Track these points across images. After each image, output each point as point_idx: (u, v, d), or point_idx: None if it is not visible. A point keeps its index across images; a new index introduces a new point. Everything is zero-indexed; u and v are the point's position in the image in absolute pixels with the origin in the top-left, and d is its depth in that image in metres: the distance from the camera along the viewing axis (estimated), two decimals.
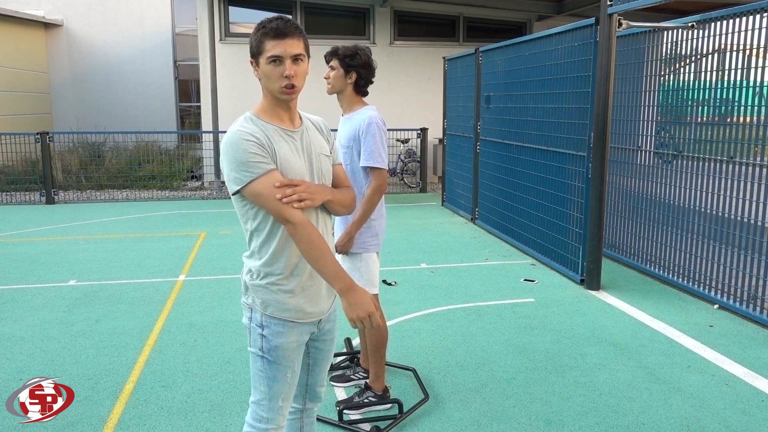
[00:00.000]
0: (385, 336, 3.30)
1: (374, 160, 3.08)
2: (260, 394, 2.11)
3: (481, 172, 8.16)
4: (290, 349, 2.08)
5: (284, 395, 2.12)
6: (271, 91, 2.02)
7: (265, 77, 2.00)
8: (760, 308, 4.58)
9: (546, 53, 6.18)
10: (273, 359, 2.06)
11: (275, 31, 1.96)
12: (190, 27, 15.29)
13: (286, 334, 2.06)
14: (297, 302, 2.06)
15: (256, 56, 2.01)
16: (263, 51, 1.97)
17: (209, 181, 11.58)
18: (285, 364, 2.08)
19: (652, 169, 5.82)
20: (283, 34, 1.96)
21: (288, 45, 1.96)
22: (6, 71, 13.73)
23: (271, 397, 2.10)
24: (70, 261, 6.42)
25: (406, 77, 12.23)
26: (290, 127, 2.08)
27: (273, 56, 1.96)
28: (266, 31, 1.97)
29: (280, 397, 2.11)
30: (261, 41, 1.98)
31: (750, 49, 4.56)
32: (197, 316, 4.77)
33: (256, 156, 1.94)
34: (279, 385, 2.09)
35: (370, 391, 3.33)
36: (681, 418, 3.21)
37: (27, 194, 10.60)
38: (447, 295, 5.28)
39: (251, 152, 1.94)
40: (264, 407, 2.11)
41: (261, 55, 1.98)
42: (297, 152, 2.06)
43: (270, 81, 1.99)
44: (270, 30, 1.96)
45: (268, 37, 1.96)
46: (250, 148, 1.94)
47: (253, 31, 2.02)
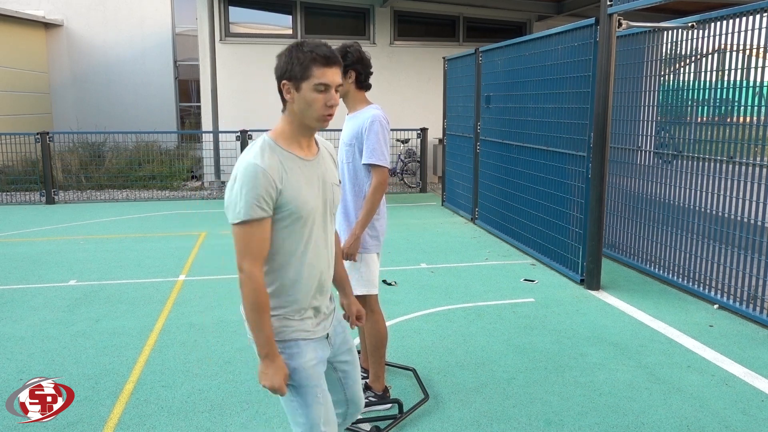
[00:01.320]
0: (384, 336, 3.30)
1: (376, 158, 3.08)
2: (300, 427, 2.05)
3: (481, 172, 8.16)
4: (311, 368, 2.04)
5: (324, 419, 2.06)
6: (306, 117, 1.96)
7: (305, 104, 1.93)
8: (760, 308, 4.58)
9: (546, 53, 6.18)
10: (298, 383, 2.02)
11: (326, 59, 1.91)
12: (190, 27, 15.30)
13: (302, 354, 2.03)
14: (302, 324, 2.06)
15: (298, 80, 1.92)
16: (309, 77, 1.91)
17: (209, 181, 11.58)
18: (311, 384, 2.03)
19: (652, 169, 5.82)
20: (333, 62, 1.92)
21: (335, 74, 1.93)
22: (6, 71, 13.73)
23: (311, 425, 2.04)
24: (70, 261, 6.42)
25: (406, 77, 12.23)
26: (308, 156, 2.03)
27: (322, 84, 1.91)
28: (315, 57, 1.90)
29: (320, 422, 2.05)
30: (308, 66, 1.91)
31: (750, 49, 4.56)
32: (197, 316, 4.77)
33: (262, 202, 1.89)
34: (314, 410, 2.04)
35: (370, 391, 3.33)
36: (681, 418, 3.21)
37: (27, 194, 10.60)
38: (447, 295, 5.28)
39: (260, 195, 1.88)
40: None
41: (305, 81, 1.91)
42: (311, 183, 2.01)
43: (310, 108, 1.94)
44: (320, 57, 1.90)
45: (318, 63, 1.90)
46: (260, 190, 1.88)
47: (293, 52, 1.94)
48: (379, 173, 3.11)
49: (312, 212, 2.00)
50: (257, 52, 11.62)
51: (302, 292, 2.04)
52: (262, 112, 11.60)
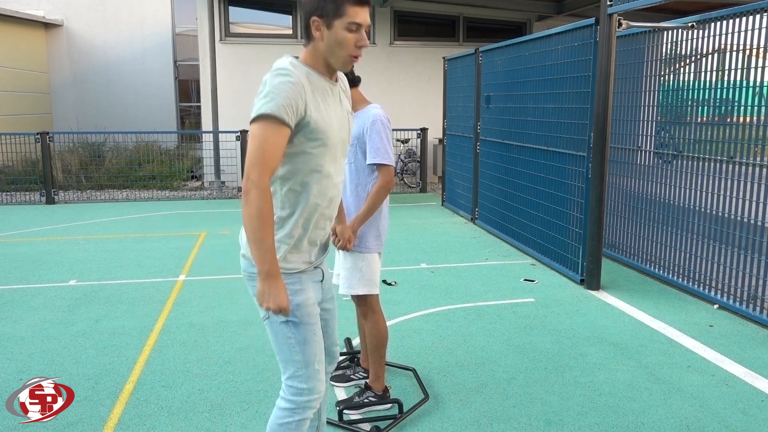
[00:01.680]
0: (385, 336, 3.30)
1: (381, 157, 3.09)
2: (295, 365, 2.01)
3: (481, 172, 8.16)
4: (312, 305, 2.03)
5: (318, 357, 2.04)
6: (331, 57, 1.92)
7: (336, 42, 1.89)
8: (760, 308, 4.58)
9: (546, 53, 6.18)
10: (299, 319, 1.99)
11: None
12: (190, 27, 15.30)
13: (304, 290, 2.02)
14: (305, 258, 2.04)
15: (331, 18, 1.87)
16: (343, 14, 1.86)
17: (209, 181, 11.58)
18: (311, 321, 2.01)
19: (652, 169, 5.82)
20: (367, 3, 1.88)
21: (367, 14, 1.89)
22: (6, 71, 13.73)
23: (307, 363, 2.00)
24: (70, 261, 6.42)
25: (406, 77, 12.23)
26: (332, 81, 2.01)
27: (356, 23, 1.87)
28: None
29: (315, 360, 2.02)
30: (341, 4, 1.86)
31: (750, 49, 4.56)
32: (197, 316, 4.77)
33: (289, 108, 1.82)
34: (311, 347, 2.01)
35: (370, 391, 3.33)
36: (681, 418, 3.21)
37: (27, 194, 10.60)
38: (447, 295, 5.28)
39: (290, 99, 1.82)
40: (302, 377, 2.01)
41: (338, 18, 1.87)
42: (331, 106, 1.98)
43: (340, 47, 1.89)
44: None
45: (352, 2, 1.86)
46: (291, 95, 1.82)
47: None
48: (385, 172, 3.12)
49: (336, 139, 1.99)
50: (257, 52, 11.62)
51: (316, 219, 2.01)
52: None
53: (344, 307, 4.67)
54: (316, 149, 1.93)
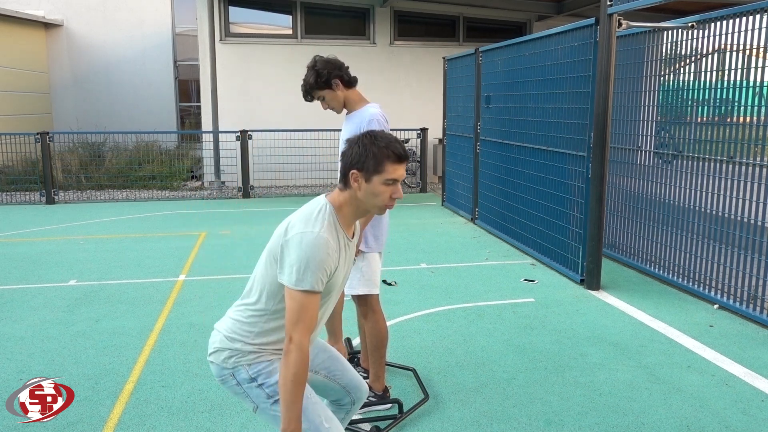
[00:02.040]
0: (385, 336, 3.30)
1: None
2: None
3: (481, 172, 8.16)
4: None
5: (324, 416, 2.09)
6: (368, 205, 2.05)
7: (372, 194, 2.02)
8: (760, 308, 4.58)
9: (546, 53, 6.18)
10: None
11: (399, 157, 2.01)
12: (190, 27, 15.29)
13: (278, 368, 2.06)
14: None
15: (370, 173, 2.00)
16: (382, 172, 2.00)
17: (209, 181, 11.57)
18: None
19: (652, 169, 5.82)
20: (404, 159, 2.02)
21: (403, 170, 2.04)
22: (6, 71, 13.73)
23: (316, 427, 2.06)
24: (70, 261, 6.42)
25: (406, 77, 12.23)
26: (350, 238, 2.12)
27: (392, 179, 2.00)
28: (389, 154, 2.00)
29: (322, 421, 2.08)
30: (381, 162, 1.99)
31: (750, 49, 4.56)
32: (197, 316, 4.77)
33: (325, 277, 1.96)
34: (310, 412, 2.06)
35: (370, 391, 3.33)
36: (681, 418, 3.21)
37: (27, 194, 10.60)
38: (447, 295, 5.28)
39: (325, 270, 1.95)
40: None
41: (377, 174, 2.00)
42: (345, 264, 2.10)
43: (376, 198, 2.03)
44: (394, 154, 2.00)
45: (391, 160, 2.00)
46: (325, 265, 1.95)
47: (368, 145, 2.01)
48: None
49: (337, 290, 2.11)
50: (257, 52, 11.62)
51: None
52: (262, 112, 11.61)
53: (344, 307, 4.67)
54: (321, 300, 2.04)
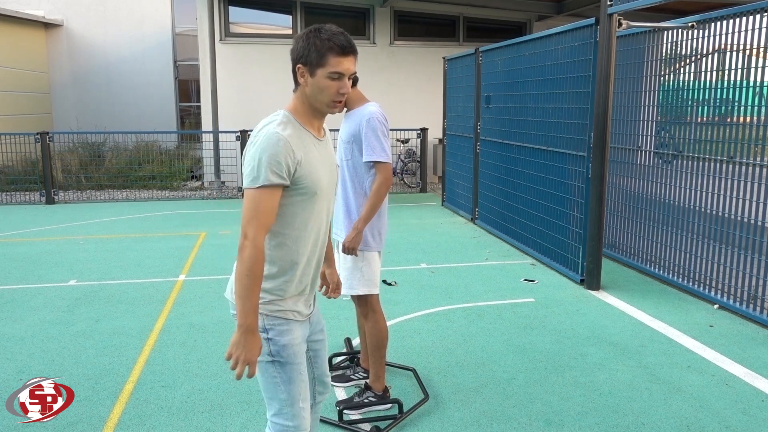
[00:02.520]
0: (385, 336, 3.30)
1: (377, 155, 3.09)
2: (279, 403, 2.07)
3: (481, 172, 8.16)
4: (298, 345, 2.08)
5: (303, 395, 2.10)
6: (316, 102, 2.01)
7: (318, 89, 1.98)
8: (760, 308, 4.58)
9: (546, 53, 6.18)
10: (285, 359, 2.05)
11: (342, 48, 1.95)
12: (190, 27, 15.29)
13: (291, 332, 2.06)
14: (296, 305, 2.10)
15: (314, 66, 1.97)
16: (325, 64, 1.95)
17: (209, 181, 11.57)
18: (297, 362, 2.07)
19: (652, 169, 5.82)
20: (349, 52, 1.97)
21: (350, 62, 1.98)
22: (6, 71, 13.73)
23: (292, 401, 2.06)
24: (70, 261, 6.42)
25: (406, 77, 12.23)
26: (318, 136, 2.09)
27: (335, 72, 1.96)
28: (332, 46, 1.95)
29: (299, 399, 2.08)
30: (324, 54, 1.95)
31: (750, 49, 4.56)
32: (197, 316, 4.77)
33: (281, 170, 1.92)
34: (296, 386, 2.07)
35: (370, 391, 3.33)
36: (681, 418, 3.21)
37: (27, 194, 10.60)
38: (447, 295, 5.28)
39: (280, 163, 1.92)
40: (287, 415, 2.07)
41: (321, 68, 1.96)
42: (323, 161, 2.08)
43: (322, 93, 1.99)
44: (336, 46, 1.95)
45: (334, 52, 1.95)
46: (279, 157, 1.92)
47: (310, 38, 1.97)
48: (382, 169, 3.12)
49: (324, 189, 2.06)
50: (257, 52, 11.62)
51: (305, 266, 2.09)
52: (262, 112, 11.52)
53: (344, 307, 4.68)
54: (305, 202, 2.02)
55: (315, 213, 2.06)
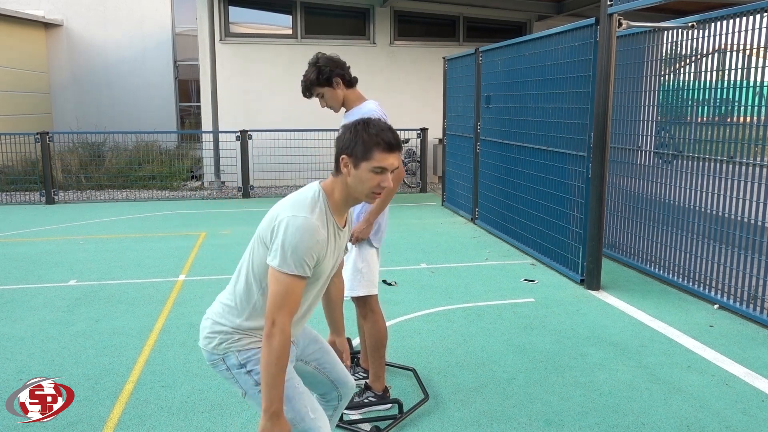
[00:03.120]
0: (384, 336, 3.30)
1: None
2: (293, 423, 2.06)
3: (481, 172, 8.16)
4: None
5: (310, 407, 2.09)
6: (356, 192, 2.03)
7: (359, 181, 2.00)
8: (760, 308, 4.58)
9: (546, 53, 6.18)
10: None
11: (389, 146, 1.98)
12: (190, 27, 15.29)
13: None
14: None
15: (359, 159, 1.99)
16: (370, 159, 1.97)
17: (209, 181, 11.57)
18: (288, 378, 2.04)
19: (652, 169, 5.82)
20: (395, 149, 2.00)
21: (395, 158, 2.01)
22: (6, 71, 13.73)
23: (302, 417, 2.07)
24: (70, 261, 6.41)
25: (406, 77, 12.23)
26: (341, 225, 2.10)
27: (380, 167, 1.98)
28: (379, 142, 1.97)
29: (308, 411, 2.08)
30: (370, 149, 1.97)
31: (750, 49, 4.56)
32: (197, 316, 4.77)
33: (311, 261, 1.95)
34: (297, 402, 2.06)
35: (370, 391, 3.33)
36: (681, 418, 3.21)
37: (27, 194, 10.60)
38: (447, 295, 5.27)
39: (312, 255, 1.94)
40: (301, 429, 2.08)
41: (366, 161, 1.98)
42: (335, 252, 2.09)
43: (363, 185, 2.00)
44: (384, 142, 1.97)
45: (380, 148, 1.97)
46: (313, 251, 1.94)
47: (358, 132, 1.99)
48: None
49: (325, 275, 2.10)
50: (257, 52, 11.62)
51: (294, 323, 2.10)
52: (262, 112, 11.61)
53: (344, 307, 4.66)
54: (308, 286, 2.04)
55: (309, 290, 2.08)
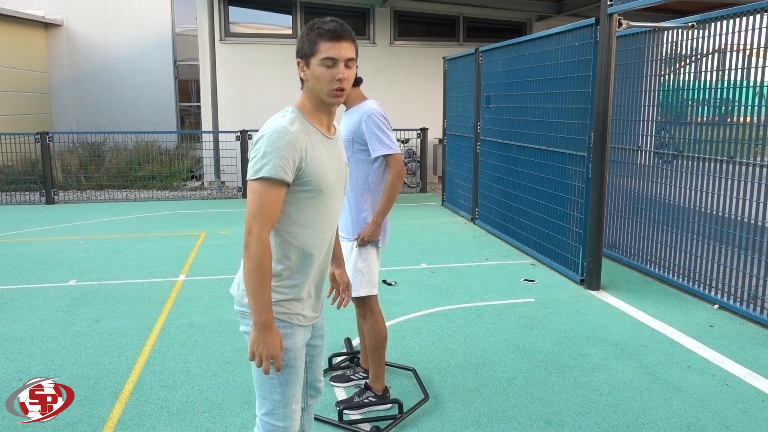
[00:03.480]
0: (384, 336, 3.30)
1: (386, 148, 3.12)
2: (272, 404, 2.06)
3: (481, 172, 8.16)
4: (299, 350, 2.07)
5: (296, 397, 2.09)
6: (318, 93, 1.99)
7: (315, 79, 1.97)
8: (760, 308, 4.58)
9: (546, 53, 6.18)
10: (285, 363, 2.03)
11: (331, 33, 1.94)
12: (190, 27, 15.29)
13: (294, 335, 2.05)
14: (302, 308, 2.08)
15: (308, 57, 1.97)
16: (317, 52, 1.95)
17: (209, 181, 11.57)
18: (296, 365, 2.06)
19: (652, 169, 5.82)
20: (339, 37, 1.95)
21: (343, 48, 1.95)
22: (6, 71, 13.72)
23: (285, 403, 2.06)
24: (70, 261, 6.41)
25: (406, 77, 12.23)
26: (328, 134, 2.07)
27: (328, 58, 1.94)
28: (322, 33, 1.94)
29: (293, 401, 2.07)
30: (315, 42, 1.95)
31: (750, 49, 4.56)
32: (197, 316, 4.77)
33: (287, 165, 1.90)
34: (292, 389, 2.06)
35: (370, 391, 3.33)
36: (681, 418, 3.21)
37: (27, 194, 10.60)
38: (447, 295, 5.27)
39: (286, 157, 1.90)
40: (279, 415, 2.06)
41: (314, 56, 1.95)
42: (332, 159, 2.06)
43: (320, 83, 1.96)
44: (326, 32, 1.94)
45: (324, 38, 1.94)
46: (284, 151, 1.90)
47: (305, 31, 1.99)
48: (394, 161, 3.14)
49: (331, 187, 2.04)
50: (257, 52, 11.61)
51: (312, 267, 2.06)
52: (262, 112, 11.60)
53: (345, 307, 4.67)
54: (311, 199, 2.00)
55: (322, 211, 2.04)
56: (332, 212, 2.09)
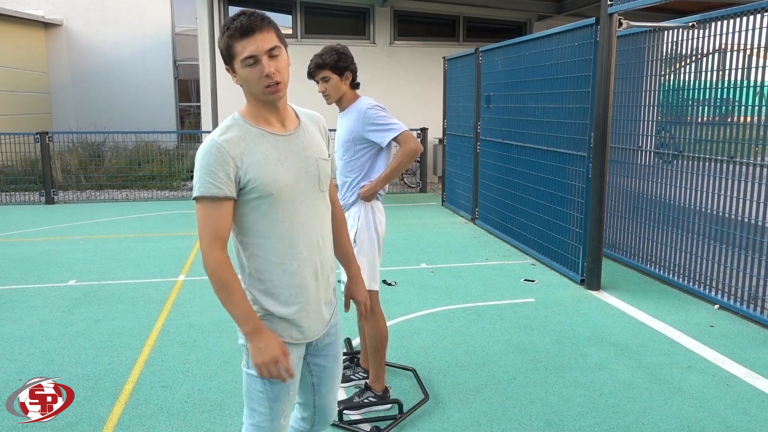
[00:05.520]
0: (385, 336, 3.29)
1: (393, 131, 3.10)
2: (259, 416, 1.96)
3: (481, 172, 8.16)
4: (292, 367, 1.94)
5: (285, 413, 1.99)
6: (255, 94, 1.85)
7: (245, 81, 1.83)
8: (761, 308, 4.58)
9: (546, 53, 6.17)
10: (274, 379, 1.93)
11: (242, 30, 1.78)
12: (190, 27, 15.29)
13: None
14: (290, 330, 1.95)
15: (230, 62, 1.83)
16: (235, 55, 1.80)
17: None
18: (288, 382, 1.94)
19: (652, 169, 5.81)
20: (251, 30, 1.78)
21: (259, 41, 1.78)
22: (6, 71, 13.72)
23: (273, 417, 1.96)
24: (69, 261, 6.41)
25: (406, 77, 12.23)
26: (280, 131, 1.91)
27: (247, 57, 1.79)
28: (232, 33, 1.79)
29: (281, 416, 1.98)
30: (229, 45, 1.80)
31: (750, 49, 4.56)
32: (197, 316, 4.77)
33: (216, 179, 1.78)
34: (280, 404, 1.96)
35: (370, 392, 3.33)
36: (681, 419, 3.21)
37: (27, 194, 10.60)
38: (447, 295, 5.27)
39: (214, 171, 1.77)
40: (264, 429, 1.97)
41: (234, 60, 1.81)
42: (285, 158, 1.88)
43: (251, 84, 1.82)
44: (235, 30, 1.78)
45: (235, 38, 1.78)
46: (212, 166, 1.78)
47: (219, 36, 1.84)
48: (405, 140, 3.10)
49: (285, 189, 1.86)
50: None
51: (293, 279, 1.91)
52: None
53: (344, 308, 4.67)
54: (265, 205, 1.85)
55: (283, 216, 1.87)
56: (300, 215, 1.91)
